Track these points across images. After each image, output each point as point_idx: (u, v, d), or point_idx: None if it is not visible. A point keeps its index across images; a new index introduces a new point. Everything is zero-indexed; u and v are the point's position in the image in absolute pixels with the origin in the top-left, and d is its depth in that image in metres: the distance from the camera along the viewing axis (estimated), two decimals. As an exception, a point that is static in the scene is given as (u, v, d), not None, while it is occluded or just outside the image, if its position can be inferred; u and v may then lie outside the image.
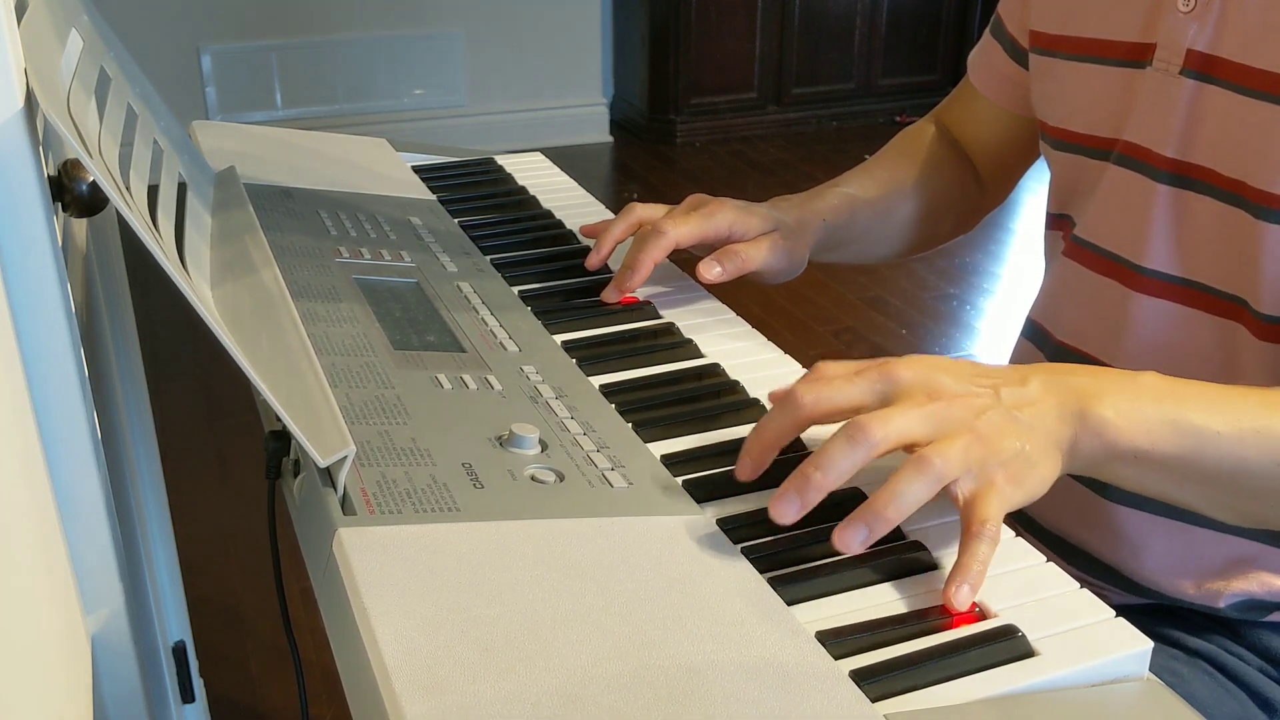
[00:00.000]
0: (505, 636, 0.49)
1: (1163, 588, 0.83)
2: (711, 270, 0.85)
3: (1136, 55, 0.80)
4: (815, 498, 0.58)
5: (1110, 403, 0.61)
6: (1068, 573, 0.58)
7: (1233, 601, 0.81)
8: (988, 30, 1.00)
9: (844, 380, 0.61)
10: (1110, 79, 0.82)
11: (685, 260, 0.91)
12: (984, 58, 1.00)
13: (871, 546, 0.59)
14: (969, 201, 1.06)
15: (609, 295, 0.86)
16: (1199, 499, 0.65)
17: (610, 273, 0.91)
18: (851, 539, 0.57)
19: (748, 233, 0.87)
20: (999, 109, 1.00)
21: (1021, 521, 0.90)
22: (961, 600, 0.55)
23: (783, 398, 0.62)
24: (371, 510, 0.57)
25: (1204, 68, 0.75)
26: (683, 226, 0.86)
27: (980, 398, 0.60)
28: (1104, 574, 0.86)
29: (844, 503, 0.64)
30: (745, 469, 0.63)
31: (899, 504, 0.57)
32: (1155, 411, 0.62)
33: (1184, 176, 0.77)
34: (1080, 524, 0.86)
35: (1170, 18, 0.77)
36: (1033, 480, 0.59)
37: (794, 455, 0.64)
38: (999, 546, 0.60)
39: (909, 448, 0.59)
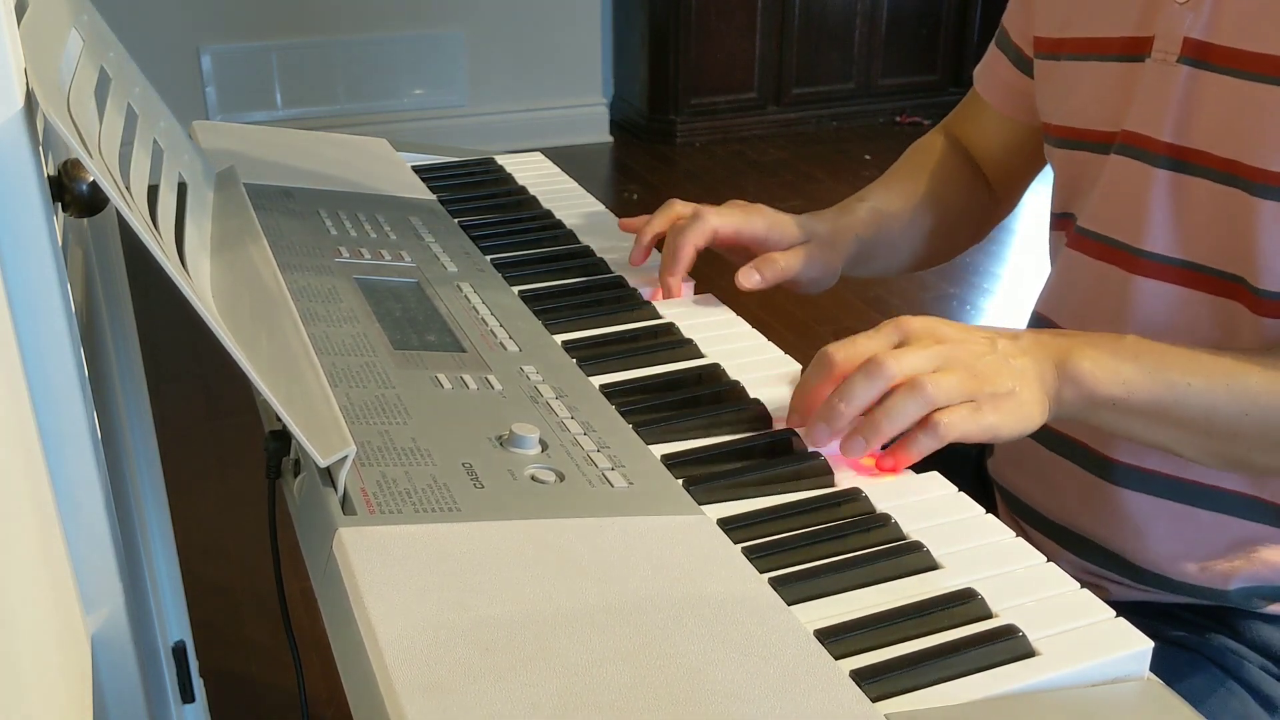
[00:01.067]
0: (505, 636, 0.49)
1: (1167, 571, 0.84)
2: (751, 278, 0.88)
3: (1135, 49, 0.82)
4: (842, 425, 0.67)
5: (1089, 355, 0.70)
6: (1071, 563, 0.59)
7: (1239, 585, 0.82)
8: (993, 42, 1.02)
9: (866, 336, 0.70)
10: (1110, 74, 0.83)
11: (698, 266, 0.91)
12: (990, 69, 1.02)
13: (872, 547, 0.59)
14: (984, 211, 1.07)
15: (635, 258, 0.92)
16: (1175, 442, 0.73)
17: (610, 272, 0.91)
18: (852, 447, 0.66)
19: (784, 239, 0.90)
20: (1006, 119, 1.02)
21: (1025, 512, 0.91)
22: (854, 449, 0.66)
23: (816, 358, 0.70)
24: (372, 510, 0.57)
25: (1200, 54, 0.77)
26: (724, 216, 0.88)
27: (979, 344, 0.69)
28: (1107, 561, 0.86)
29: (841, 504, 0.64)
30: (796, 421, 0.71)
31: (891, 418, 0.65)
32: (1132, 365, 0.71)
33: (1181, 160, 0.79)
34: (1084, 510, 0.86)
35: (1167, 9, 0.79)
36: (1019, 414, 0.67)
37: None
38: (1000, 546, 0.60)
39: None
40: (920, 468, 0.67)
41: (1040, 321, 0.92)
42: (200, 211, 0.79)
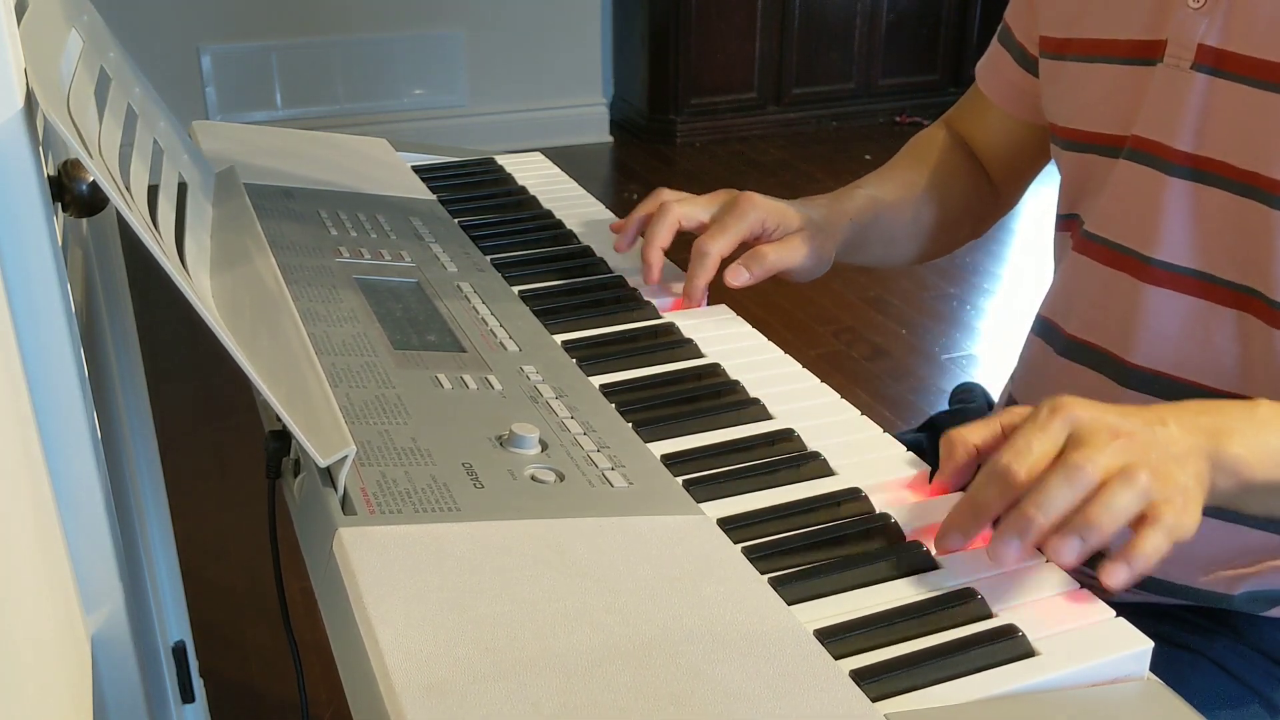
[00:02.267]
0: (505, 636, 0.49)
1: (1171, 577, 0.83)
2: (739, 276, 0.86)
3: (1145, 52, 0.81)
4: (1035, 539, 0.58)
5: (1240, 440, 0.63)
6: (1073, 569, 0.58)
7: (1245, 591, 0.82)
8: (995, 38, 1.01)
9: (1037, 437, 0.61)
10: (1119, 77, 0.83)
11: (685, 262, 0.91)
12: (992, 65, 1.01)
13: (870, 547, 0.59)
14: (985, 207, 1.07)
15: (648, 279, 0.88)
16: None
17: (610, 272, 0.91)
18: (1065, 550, 0.57)
19: (779, 228, 0.88)
20: (1008, 116, 1.01)
21: None
22: (1117, 578, 0.56)
23: (994, 473, 0.60)
24: (372, 510, 0.57)
25: (1216, 62, 0.76)
26: (721, 241, 0.86)
27: (1150, 434, 0.61)
28: None
29: (841, 504, 0.64)
30: (954, 543, 0.61)
31: (1113, 513, 0.57)
32: (1278, 438, 0.64)
33: (1197, 170, 0.78)
34: None
35: (1180, 14, 0.78)
36: (1194, 512, 0.60)
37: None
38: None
39: None
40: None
41: (1046, 327, 0.92)
42: (200, 212, 0.79)
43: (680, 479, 0.65)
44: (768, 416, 0.72)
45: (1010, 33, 0.98)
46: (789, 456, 0.68)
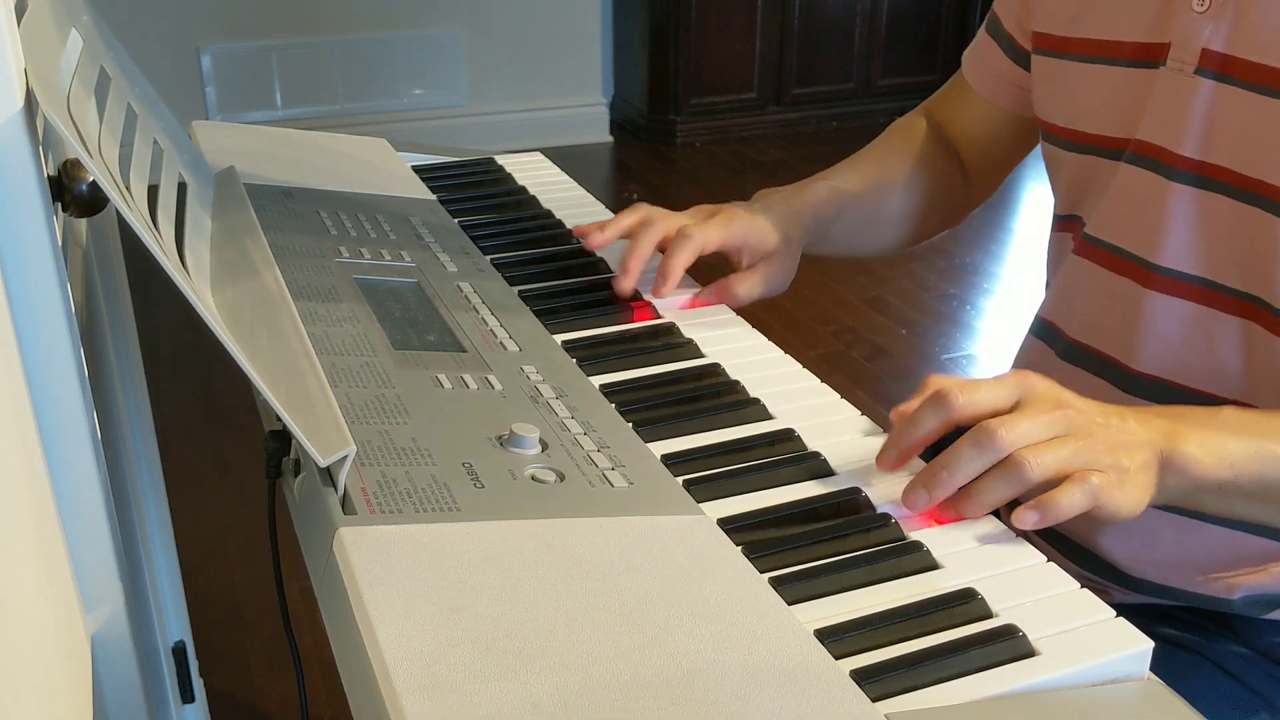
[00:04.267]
0: (506, 636, 0.49)
1: (1170, 582, 0.83)
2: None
3: (1148, 55, 0.80)
4: (943, 494, 0.62)
5: (1195, 439, 0.65)
6: (1070, 572, 0.58)
7: (1244, 595, 0.82)
8: (983, 28, 1.00)
9: (989, 386, 0.64)
10: (1121, 79, 0.82)
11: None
12: (979, 56, 1.00)
13: (872, 547, 0.60)
14: (955, 198, 1.06)
15: (622, 286, 0.87)
16: (1276, 517, 0.70)
17: (610, 272, 0.91)
18: (916, 501, 0.62)
19: (761, 242, 0.90)
20: (993, 107, 1.00)
21: None
22: (1026, 520, 0.60)
23: (935, 398, 0.64)
24: (372, 510, 0.57)
25: (1221, 67, 0.75)
26: (709, 231, 0.87)
27: (1104, 420, 0.64)
28: (1106, 571, 0.86)
29: (841, 504, 0.64)
30: (890, 459, 0.66)
31: (979, 501, 0.62)
32: (1237, 444, 0.66)
33: (1201, 176, 0.77)
34: (1086, 521, 0.86)
35: (1184, 17, 0.77)
36: (1132, 497, 0.63)
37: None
38: (1000, 546, 0.60)
39: None
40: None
41: (1046, 329, 0.91)
42: (200, 211, 0.79)
43: (680, 479, 0.65)
44: (768, 416, 0.72)
45: (1000, 24, 0.97)
46: (789, 456, 0.68)
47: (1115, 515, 0.62)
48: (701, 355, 0.80)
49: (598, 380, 0.75)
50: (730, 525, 0.60)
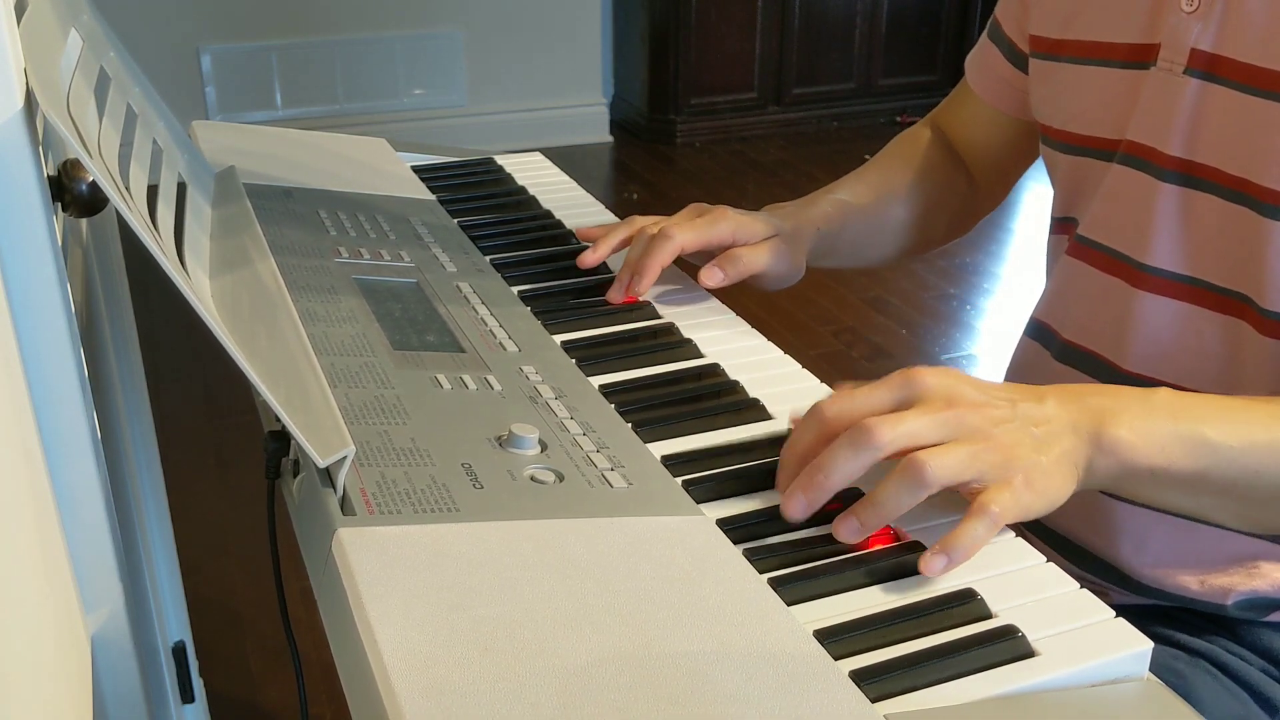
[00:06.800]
0: (505, 636, 0.49)
1: (1165, 585, 0.83)
2: (714, 276, 0.86)
3: (1139, 56, 0.80)
4: (820, 497, 0.60)
5: (1126, 422, 0.63)
6: (1068, 572, 0.58)
7: (1239, 599, 0.81)
8: (985, 33, 1.00)
9: (867, 391, 0.62)
10: (1114, 80, 0.82)
11: (686, 263, 0.91)
12: (981, 61, 1.00)
13: (871, 547, 0.59)
14: (963, 206, 1.06)
15: (613, 296, 0.87)
16: (1212, 510, 0.66)
17: (609, 272, 0.91)
18: (846, 530, 0.59)
19: (750, 237, 0.89)
20: (996, 112, 1.01)
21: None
22: (933, 568, 0.57)
23: (809, 413, 0.62)
24: (371, 510, 0.57)
25: (1208, 67, 0.75)
26: (688, 231, 0.87)
27: (999, 409, 0.61)
28: (1105, 573, 0.86)
29: (850, 502, 0.64)
30: (784, 480, 0.63)
31: (880, 510, 0.59)
32: (1170, 429, 0.63)
33: (1189, 175, 0.77)
34: (1082, 521, 0.86)
35: (1173, 18, 0.77)
36: (1049, 491, 0.60)
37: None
38: (1000, 546, 0.60)
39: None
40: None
41: (1040, 330, 0.91)
42: (199, 212, 0.79)
43: (680, 479, 0.64)
44: (768, 417, 0.72)
45: (1000, 28, 0.97)
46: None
47: (1027, 515, 0.60)
48: (701, 355, 0.80)
49: (597, 380, 0.75)
50: (730, 526, 0.60)
